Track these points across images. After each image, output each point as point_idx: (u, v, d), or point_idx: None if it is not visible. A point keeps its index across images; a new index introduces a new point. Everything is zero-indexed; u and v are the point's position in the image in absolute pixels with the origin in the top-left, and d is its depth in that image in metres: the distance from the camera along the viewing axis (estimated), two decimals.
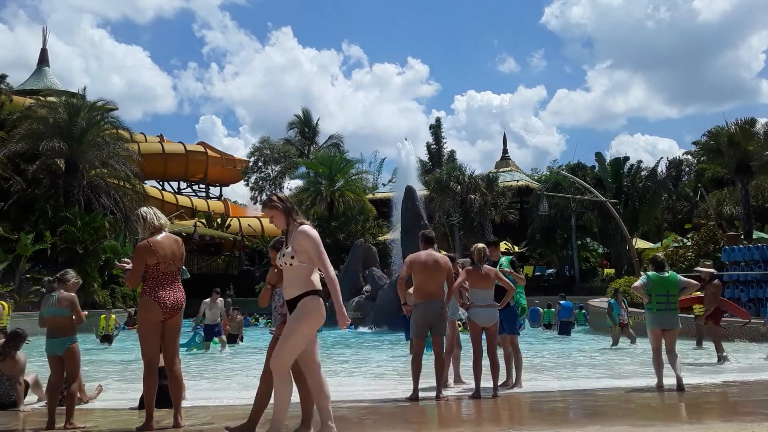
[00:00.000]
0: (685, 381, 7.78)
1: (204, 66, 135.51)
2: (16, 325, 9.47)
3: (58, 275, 6.67)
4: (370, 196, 45.65)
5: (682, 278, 8.45)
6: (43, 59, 55.45)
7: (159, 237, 5.62)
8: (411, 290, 7.87)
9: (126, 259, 6.37)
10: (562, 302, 21.20)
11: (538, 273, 42.28)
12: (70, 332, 6.38)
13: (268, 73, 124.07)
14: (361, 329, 23.41)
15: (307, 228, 4.67)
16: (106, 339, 18.37)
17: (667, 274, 8.26)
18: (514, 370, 8.45)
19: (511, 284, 7.86)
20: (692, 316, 14.40)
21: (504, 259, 8.59)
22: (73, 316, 6.39)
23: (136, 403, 6.77)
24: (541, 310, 26.02)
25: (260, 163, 48.88)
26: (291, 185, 48.67)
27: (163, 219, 5.81)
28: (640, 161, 40.75)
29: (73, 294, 6.51)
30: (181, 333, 5.79)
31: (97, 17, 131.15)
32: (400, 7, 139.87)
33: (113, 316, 19.64)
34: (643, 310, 10.34)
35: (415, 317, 7.54)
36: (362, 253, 28.90)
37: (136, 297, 8.59)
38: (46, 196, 30.45)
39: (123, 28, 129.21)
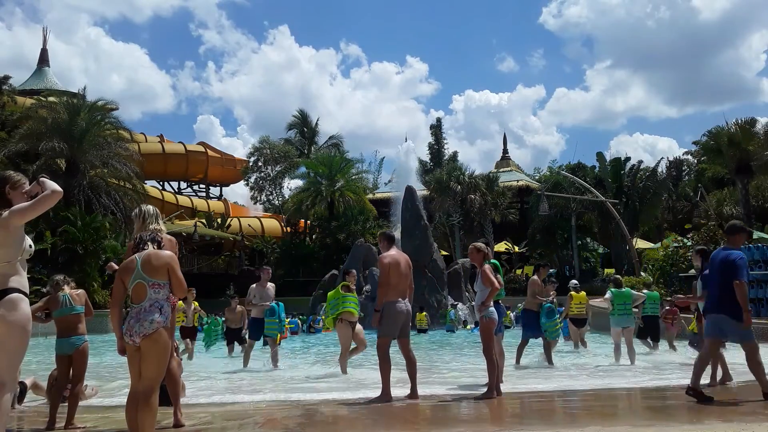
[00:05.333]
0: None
1: (201, 66, 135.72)
2: None
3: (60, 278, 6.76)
4: (370, 196, 45.64)
5: (634, 292, 12.22)
6: (43, 59, 55.45)
7: None
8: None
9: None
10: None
11: None
12: (81, 331, 6.45)
13: (266, 73, 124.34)
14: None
15: None
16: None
17: (623, 290, 11.69)
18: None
19: (501, 282, 8.03)
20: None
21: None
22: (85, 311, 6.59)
23: None
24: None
25: (260, 163, 48.86)
26: (291, 185, 48.71)
27: (161, 224, 5.81)
28: (640, 161, 40.83)
29: (81, 290, 6.77)
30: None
31: (95, 16, 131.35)
32: (398, 5, 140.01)
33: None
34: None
35: (391, 315, 7.44)
36: (363, 253, 28.91)
37: None
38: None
39: (121, 28, 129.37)
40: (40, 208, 4.25)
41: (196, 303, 14.62)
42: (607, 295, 11.66)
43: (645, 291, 13.95)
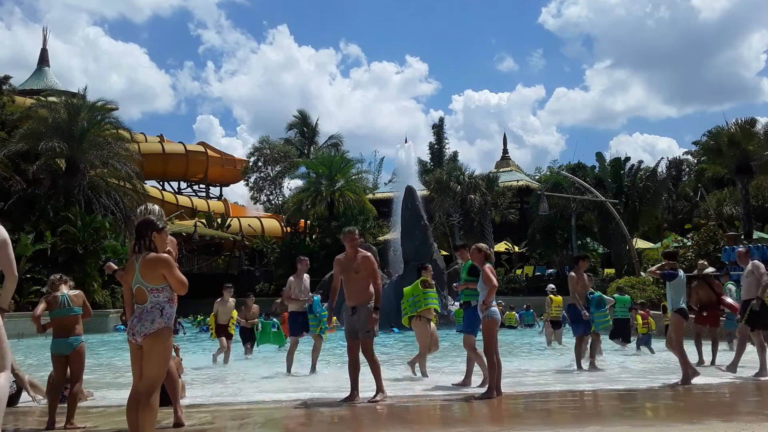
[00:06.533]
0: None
1: (200, 65, 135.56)
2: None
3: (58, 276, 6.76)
4: (370, 196, 45.62)
5: (605, 297, 12.26)
6: (44, 59, 55.43)
7: None
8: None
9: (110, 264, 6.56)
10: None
11: (539, 273, 42.28)
12: (78, 332, 6.45)
13: (265, 72, 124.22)
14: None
15: None
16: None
17: (594, 294, 11.65)
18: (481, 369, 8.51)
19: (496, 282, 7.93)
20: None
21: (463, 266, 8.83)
22: (83, 312, 6.60)
23: None
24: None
25: (260, 163, 48.88)
26: (291, 185, 48.72)
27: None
28: (640, 161, 40.75)
29: (80, 291, 6.77)
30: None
31: (94, 16, 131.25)
32: (397, 5, 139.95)
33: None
34: None
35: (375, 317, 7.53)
36: None
37: None
38: (47, 196, 30.45)
39: (120, 27, 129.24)
40: None
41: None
42: None
43: (616, 295, 14.51)
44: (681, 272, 8.96)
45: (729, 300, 11.83)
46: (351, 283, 7.53)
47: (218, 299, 13.39)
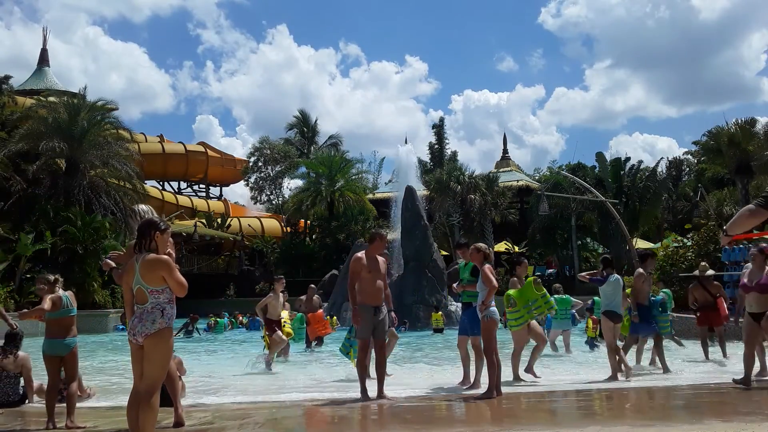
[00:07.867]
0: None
1: (200, 65, 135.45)
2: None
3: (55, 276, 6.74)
4: (370, 196, 45.64)
5: (573, 299, 13.77)
6: (44, 59, 55.45)
7: None
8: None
9: (118, 252, 6.44)
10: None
11: (538, 273, 42.28)
12: (74, 333, 6.43)
13: (264, 72, 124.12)
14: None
15: None
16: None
17: (564, 297, 13.31)
18: (474, 370, 8.49)
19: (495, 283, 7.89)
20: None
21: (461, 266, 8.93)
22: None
23: None
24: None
25: (260, 163, 48.91)
26: (291, 185, 48.74)
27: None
28: (640, 161, 40.85)
29: (70, 291, 6.78)
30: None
31: (93, 15, 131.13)
32: (397, 4, 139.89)
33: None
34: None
35: None
36: None
37: None
38: (47, 196, 30.44)
39: (120, 27, 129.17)
40: None
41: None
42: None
43: (596, 298, 14.62)
44: (614, 277, 9.28)
45: (724, 305, 11.86)
46: (375, 283, 7.61)
47: (269, 294, 12.41)
